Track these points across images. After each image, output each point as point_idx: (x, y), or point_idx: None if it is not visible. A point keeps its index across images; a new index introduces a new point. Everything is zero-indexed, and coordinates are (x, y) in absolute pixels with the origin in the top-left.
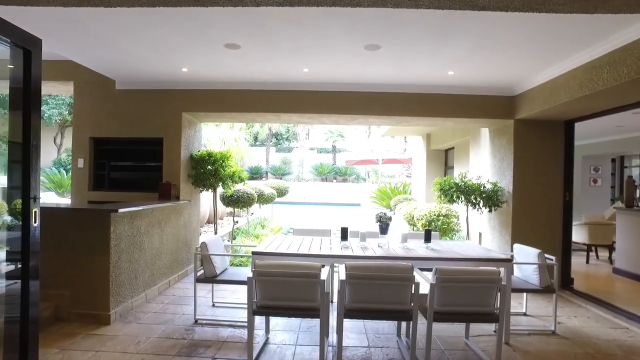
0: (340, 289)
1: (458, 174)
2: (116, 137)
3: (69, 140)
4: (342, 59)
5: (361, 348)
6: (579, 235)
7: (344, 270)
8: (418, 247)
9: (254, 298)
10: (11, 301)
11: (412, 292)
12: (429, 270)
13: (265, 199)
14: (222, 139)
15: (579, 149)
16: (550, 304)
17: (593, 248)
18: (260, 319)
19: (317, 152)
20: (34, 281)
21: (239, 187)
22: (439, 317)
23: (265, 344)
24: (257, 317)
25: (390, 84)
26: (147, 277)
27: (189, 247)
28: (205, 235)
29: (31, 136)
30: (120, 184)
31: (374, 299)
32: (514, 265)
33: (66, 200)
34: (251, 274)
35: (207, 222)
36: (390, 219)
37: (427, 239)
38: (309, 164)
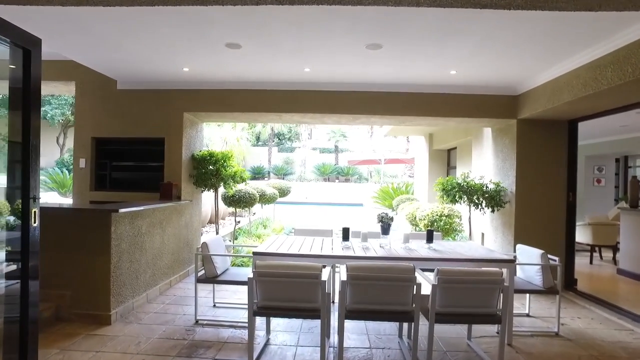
0: (341, 290)
1: (460, 174)
2: (118, 137)
3: (72, 140)
4: (343, 58)
5: (362, 349)
6: (582, 236)
7: (345, 270)
8: (420, 247)
9: (254, 299)
10: (12, 301)
11: (414, 293)
12: (431, 271)
13: (267, 199)
14: (224, 139)
15: (582, 148)
16: (554, 305)
17: (597, 248)
18: (261, 319)
19: (320, 152)
20: (33, 281)
21: (241, 187)
22: (440, 319)
23: (266, 344)
24: (258, 318)
25: (392, 83)
26: (148, 277)
27: (190, 247)
28: (207, 235)
29: (31, 136)
30: (121, 184)
31: (375, 300)
32: (516, 266)
33: (69, 200)
34: (252, 275)
35: (209, 222)
36: (392, 219)
37: (429, 239)
38: (311, 164)
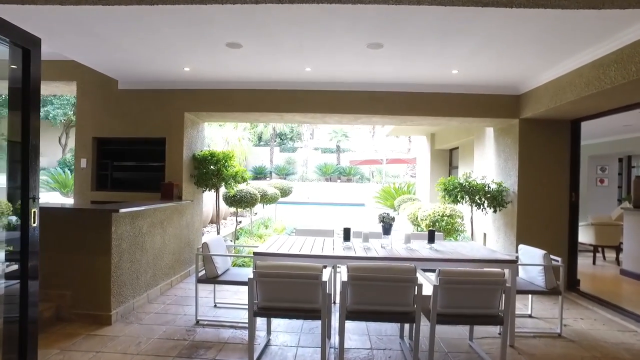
0: (342, 291)
1: (462, 174)
2: (119, 137)
3: (74, 140)
4: (344, 58)
5: (363, 350)
6: (585, 236)
7: (345, 271)
8: (421, 247)
9: (255, 299)
10: (12, 301)
11: (415, 293)
12: (432, 272)
13: (269, 199)
14: (226, 139)
15: (585, 148)
16: (556, 305)
17: (600, 249)
18: (262, 320)
19: (322, 152)
20: (33, 281)
21: (242, 187)
22: (442, 320)
23: (267, 345)
24: (259, 319)
25: (394, 83)
26: (149, 278)
27: (191, 248)
28: (208, 235)
29: (30, 136)
30: (123, 184)
31: (376, 301)
32: (519, 267)
33: (70, 200)
34: (252, 275)
35: (211, 222)
36: (393, 219)
37: (431, 239)
38: (313, 164)
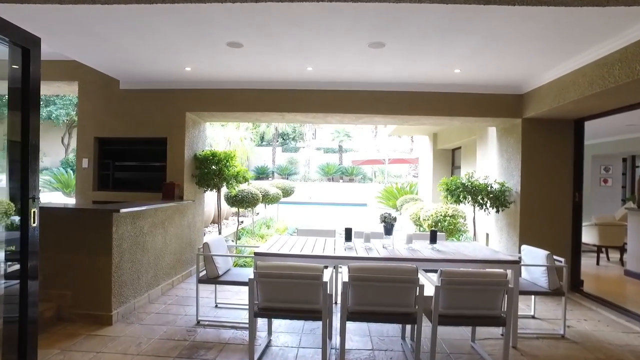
0: (343, 291)
1: (465, 173)
2: (120, 137)
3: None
4: (345, 57)
5: (365, 351)
6: (589, 236)
7: (347, 271)
8: (423, 248)
9: (255, 300)
10: (12, 301)
11: (417, 294)
12: (434, 272)
13: (271, 199)
14: (228, 138)
15: (588, 148)
16: (560, 306)
17: (603, 249)
18: (263, 320)
19: (324, 152)
20: (33, 281)
21: (244, 187)
22: (444, 321)
23: (268, 346)
24: (260, 319)
25: (395, 82)
26: (150, 278)
27: (193, 248)
28: (209, 235)
29: (30, 136)
30: (124, 184)
31: (378, 302)
32: (521, 267)
33: (73, 200)
34: (253, 276)
35: (212, 222)
36: (395, 219)
37: (433, 240)
38: (315, 164)
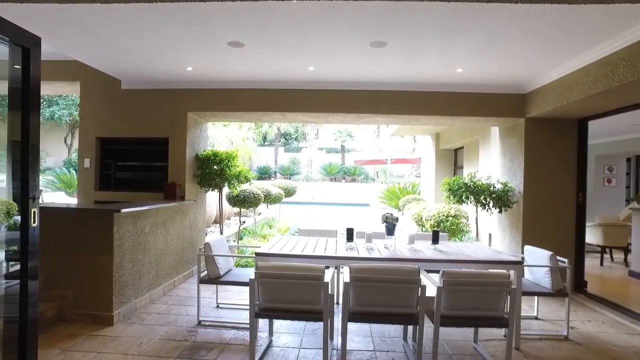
0: (345, 292)
1: (467, 173)
2: (122, 137)
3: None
4: (347, 56)
5: (366, 352)
6: (592, 237)
7: (348, 272)
8: (425, 248)
9: (256, 300)
10: (12, 301)
11: (419, 295)
12: (436, 272)
13: (273, 199)
14: (230, 138)
15: (592, 148)
16: (563, 307)
17: (607, 250)
18: (264, 321)
19: (326, 152)
20: (33, 281)
21: (245, 187)
22: (446, 322)
23: (269, 346)
24: (261, 319)
25: (397, 82)
26: (152, 278)
27: (194, 248)
28: (211, 235)
29: (30, 136)
30: (126, 183)
31: (379, 302)
32: (524, 268)
33: (75, 200)
34: (253, 276)
35: (214, 222)
36: (396, 219)
37: (435, 240)
38: (317, 164)
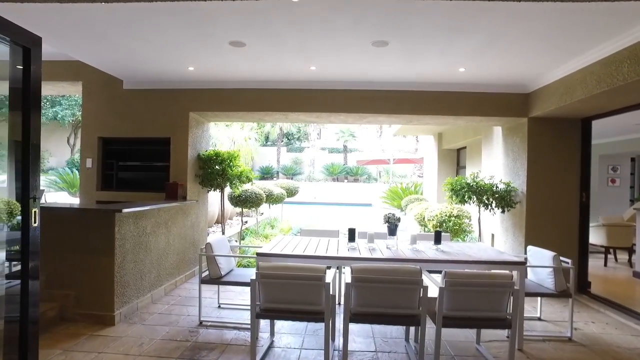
0: (346, 293)
1: (470, 173)
2: (124, 137)
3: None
4: (349, 56)
5: (368, 352)
6: (596, 237)
7: (349, 272)
8: (427, 248)
9: (257, 301)
10: (13, 301)
11: (420, 296)
12: (438, 273)
13: (275, 199)
14: (232, 138)
15: (596, 147)
16: (566, 308)
17: (611, 250)
18: (266, 321)
19: (329, 152)
20: (33, 281)
21: (247, 187)
22: (448, 323)
23: (270, 347)
24: (263, 320)
25: (399, 81)
26: (153, 278)
27: (196, 248)
28: (213, 235)
29: (31, 136)
30: (128, 183)
31: (381, 303)
32: (527, 269)
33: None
34: (254, 276)
35: (216, 222)
36: (398, 219)
37: (437, 240)
38: (320, 164)
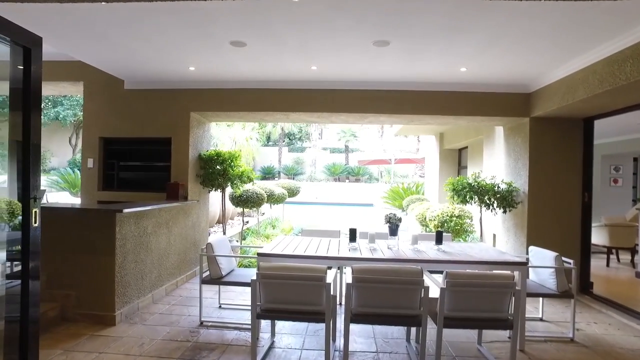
0: (347, 293)
1: (471, 173)
2: (125, 137)
3: None
4: (350, 56)
5: (369, 353)
6: (598, 238)
7: (350, 273)
8: (429, 249)
9: (257, 301)
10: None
11: (422, 296)
12: (440, 273)
13: (276, 199)
14: (234, 138)
15: (598, 147)
16: (568, 309)
17: (614, 251)
18: (267, 322)
19: (330, 152)
20: (34, 281)
21: (248, 187)
22: (449, 323)
23: (271, 347)
24: (263, 320)
25: (401, 81)
26: (154, 278)
27: (197, 248)
28: (214, 235)
29: (31, 136)
30: (129, 183)
31: (382, 304)
32: (529, 269)
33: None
34: (255, 277)
35: (218, 222)
36: (400, 220)
37: (439, 240)
38: (321, 164)
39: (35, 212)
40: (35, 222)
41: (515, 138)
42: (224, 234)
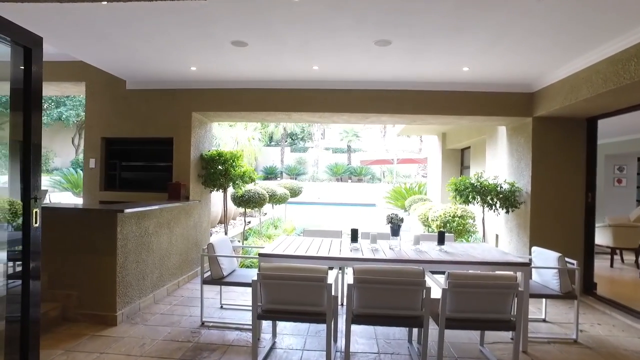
0: (348, 293)
1: (474, 173)
2: (127, 137)
3: None
4: (351, 55)
5: (370, 354)
6: (602, 238)
7: (352, 273)
8: (431, 249)
9: (258, 301)
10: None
11: (423, 297)
12: (442, 274)
13: (278, 199)
14: (236, 138)
15: (602, 147)
16: (572, 310)
17: (618, 251)
18: (268, 322)
19: (332, 152)
20: (34, 281)
21: (250, 187)
22: (451, 324)
23: (272, 348)
24: (265, 321)
25: (402, 81)
26: (156, 278)
27: (199, 248)
28: (216, 235)
29: (32, 136)
30: (131, 184)
31: (383, 304)
32: (532, 270)
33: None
34: (256, 277)
35: (220, 223)
36: (401, 220)
37: (441, 241)
38: (323, 164)
39: (36, 212)
40: (36, 223)
41: (518, 138)
42: (226, 234)
